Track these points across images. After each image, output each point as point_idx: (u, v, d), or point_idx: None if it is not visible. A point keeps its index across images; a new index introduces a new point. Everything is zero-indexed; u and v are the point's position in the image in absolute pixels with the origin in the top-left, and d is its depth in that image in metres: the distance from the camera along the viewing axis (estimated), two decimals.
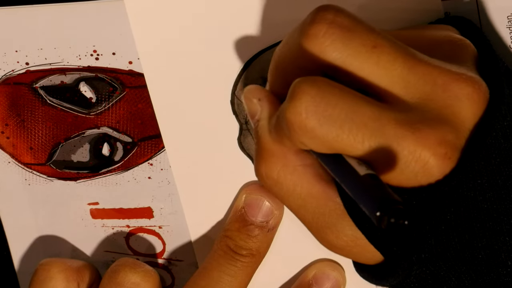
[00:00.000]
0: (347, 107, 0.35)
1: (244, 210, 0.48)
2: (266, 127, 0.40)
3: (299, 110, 0.36)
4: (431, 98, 0.36)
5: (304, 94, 0.36)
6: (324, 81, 0.36)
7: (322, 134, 0.36)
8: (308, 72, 0.38)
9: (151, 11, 0.46)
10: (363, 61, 0.36)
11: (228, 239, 0.48)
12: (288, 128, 0.36)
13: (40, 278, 0.49)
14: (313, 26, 0.37)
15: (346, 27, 0.36)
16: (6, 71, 0.49)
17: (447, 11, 0.44)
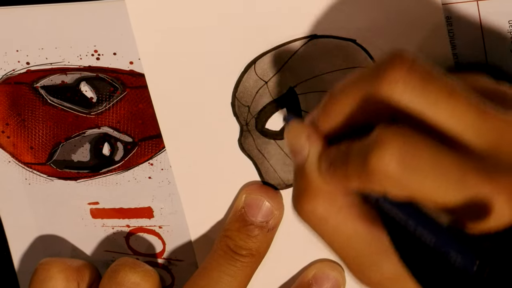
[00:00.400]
0: (431, 156, 0.36)
1: (244, 210, 0.48)
2: (315, 165, 0.40)
3: (387, 158, 0.36)
4: (499, 148, 0.37)
5: (391, 142, 0.36)
6: (409, 130, 0.36)
7: (407, 183, 0.36)
8: (374, 115, 0.38)
9: (152, 11, 0.46)
10: (439, 109, 0.36)
11: (228, 239, 0.48)
12: (369, 174, 0.36)
13: (40, 277, 0.49)
14: (392, 71, 0.37)
15: (425, 73, 0.37)
16: (7, 71, 0.49)
17: (448, 15, 0.44)
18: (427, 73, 0.37)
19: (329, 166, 0.39)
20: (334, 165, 0.39)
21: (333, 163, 0.39)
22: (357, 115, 0.38)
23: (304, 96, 0.47)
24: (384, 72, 0.37)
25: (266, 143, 0.48)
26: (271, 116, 0.48)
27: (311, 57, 0.46)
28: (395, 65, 0.37)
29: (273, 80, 0.47)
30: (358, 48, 0.46)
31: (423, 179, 0.36)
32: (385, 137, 0.36)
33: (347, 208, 0.39)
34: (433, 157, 0.36)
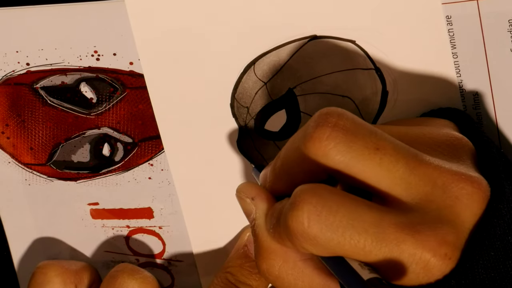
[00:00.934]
0: (348, 213, 0.36)
1: (247, 247, 0.48)
2: (263, 226, 0.40)
3: (301, 219, 0.36)
4: (431, 199, 0.37)
5: (305, 203, 0.36)
6: (325, 189, 0.37)
7: (324, 241, 0.36)
8: (311, 173, 0.38)
9: (152, 12, 0.46)
10: (365, 163, 0.37)
11: (229, 274, 0.48)
12: (290, 235, 0.37)
13: (37, 281, 0.49)
14: (317, 129, 0.37)
15: (349, 130, 0.37)
16: (6, 72, 0.49)
17: (448, 14, 0.44)
18: (351, 130, 0.37)
19: (271, 227, 0.40)
20: (274, 226, 0.39)
21: (272, 223, 0.40)
22: (298, 174, 0.39)
23: (303, 97, 0.47)
24: (310, 132, 0.37)
25: (265, 144, 0.48)
26: (270, 117, 0.48)
27: (311, 58, 0.46)
28: (320, 124, 0.37)
29: (272, 81, 0.47)
30: (357, 49, 0.46)
31: (341, 237, 0.36)
32: (299, 197, 0.37)
33: (302, 263, 0.40)
34: (349, 215, 0.36)
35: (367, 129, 0.37)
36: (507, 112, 0.46)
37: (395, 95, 0.46)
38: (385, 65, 0.46)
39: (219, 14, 0.46)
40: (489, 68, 0.45)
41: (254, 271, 0.48)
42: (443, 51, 0.45)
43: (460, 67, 0.45)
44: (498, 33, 0.44)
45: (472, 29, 0.44)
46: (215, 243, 0.50)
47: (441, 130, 0.41)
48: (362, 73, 0.46)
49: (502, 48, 0.44)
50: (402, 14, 0.44)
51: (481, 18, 0.44)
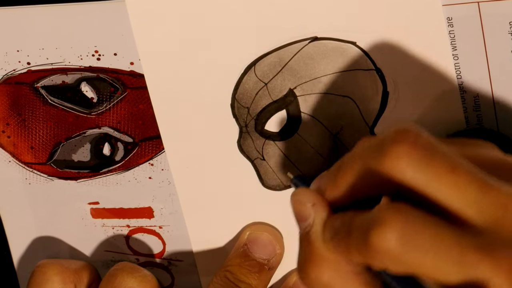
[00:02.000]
0: (432, 234, 0.36)
1: (247, 246, 0.48)
2: (320, 233, 0.40)
3: (388, 237, 0.36)
4: (501, 223, 0.37)
5: (392, 221, 0.36)
6: (410, 208, 0.37)
7: (407, 260, 0.36)
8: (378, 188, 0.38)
9: (153, 12, 0.46)
10: (442, 183, 0.37)
11: (228, 273, 0.48)
12: (369, 250, 0.37)
13: (36, 280, 0.49)
14: (396, 145, 0.37)
15: (428, 149, 0.37)
16: (7, 71, 0.49)
17: (449, 16, 0.44)
18: (429, 149, 0.37)
19: (333, 237, 0.39)
20: (337, 237, 0.39)
21: (336, 234, 0.39)
22: (362, 187, 0.39)
23: (303, 98, 0.47)
24: (387, 148, 0.37)
25: (265, 145, 0.48)
26: (270, 118, 0.48)
27: (311, 58, 0.46)
28: (398, 141, 0.37)
29: (273, 82, 0.47)
30: (358, 51, 0.46)
31: (423, 257, 0.36)
32: (386, 215, 0.36)
33: (352, 276, 0.39)
34: (433, 235, 0.36)
35: (443, 149, 0.37)
36: (508, 114, 0.46)
37: (395, 95, 0.46)
38: (386, 66, 0.46)
39: (220, 15, 0.46)
40: (490, 69, 0.45)
41: (254, 270, 0.48)
42: (444, 52, 0.45)
43: (460, 68, 0.45)
44: (499, 34, 0.44)
45: (473, 31, 0.44)
46: (215, 242, 0.51)
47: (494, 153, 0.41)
48: (362, 74, 0.46)
49: (503, 50, 0.44)
50: (403, 16, 0.44)
51: (482, 20, 0.44)
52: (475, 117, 0.46)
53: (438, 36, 0.44)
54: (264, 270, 0.48)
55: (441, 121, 0.46)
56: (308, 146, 0.48)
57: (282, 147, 0.48)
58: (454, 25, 0.44)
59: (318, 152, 0.48)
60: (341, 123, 0.47)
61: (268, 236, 0.49)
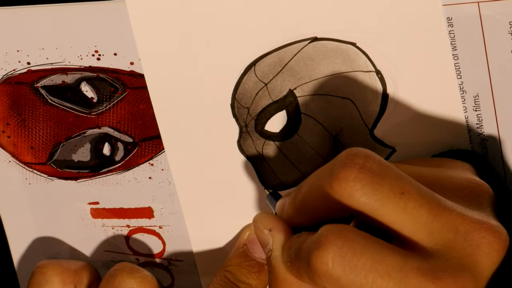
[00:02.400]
0: (372, 256, 0.36)
1: (247, 246, 0.48)
2: (279, 258, 0.41)
3: (326, 260, 0.36)
4: (452, 246, 0.37)
5: (331, 244, 0.37)
6: (351, 230, 0.37)
7: (347, 282, 0.36)
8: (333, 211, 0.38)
9: (153, 12, 0.46)
10: (390, 207, 0.37)
11: (228, 273, 0.48)
12: (312, 273, 0.37)
13: (36, 281, 0.49)
14: (344, 170, 0.37)
15: (376, 172, 0.37)
16: (7, 71, 0.49)
17: (449, 16, 0.44)
18: (378, 173, 0.37)
19: (287, 260, 0.40)
20: (291, 261, 0.40)
21: (290, 257, 0.40)
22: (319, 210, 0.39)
23: (303, 99, 0.47)
24: (336, 171, 0.37)
25: (265, 145, 0.48)
26: (270, 118, 0.48)
27: (311, 59, 0.46)
28: (347, 164, 0.37)
29: (273, 82, 0.47)
30: (358, 52, 0.46)
31: (364, 279, 0.36)
32: (325, 237, 0.37)
33: None
34: (373, 256, 0.36)
35: (393, 173, 0.37)
36: (508, 114, 0.46)
37: (395, 97, 0.46)
38: (386, 67, 0.46)
39: (220, 15, 0.46)
40: (490, 70, 0.45)
41: (253, 270, 0.48)
42: (444, 52, 0.45)
43: (460, 68, 0.45)
44: (499, 35, 0.44)
45: (473, 31, 0.44)
46: (215, 242, 0.51)
47: (462, 174, 0.41)
48: (362, 75, 0.46)
49: (503, 50, 0.44)
50: (403, 16, 0.44)
51: (482, 20, 0.44)
52: (475, 117, 0.46)
53: (438, 36, 0.44)
54: (264, 270, 0.48)
55: (441, 122, 0.46)
56: (308, 147, 0.48)
57: (282, 148, 0.48)
58: (454, 25, 0.44)
59: (318, 153, 0.48)
60: (341, 125, 0.47)
61: None
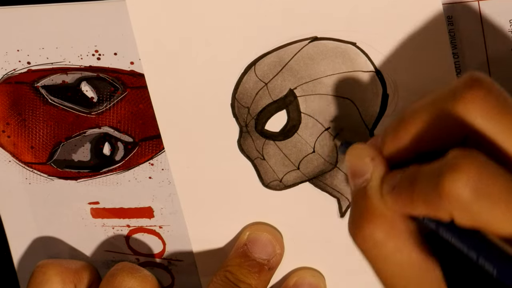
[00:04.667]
0: (505, 184, 0.35)
1: (247, 246, 0.48)
2: (378, 188, 0.39)
3: (461, 183, 0.35)
4: None
5: (468, 167, 0.35)
6: (484, 156, 0.36)
7: (477, 209, 0.35)
8: (442, 139, 0.37)
9: (153, 12, 0.46)
10: (511, 135, 0.36)
11: (228, 273, 0.48)
12: (440, 197, 0.36)
13: (36, 280, 0.49)
14: (472, 90, 0.36)
15: (501, 99, 0.36)
16: (7, 70, 0.49)
17: (449, 15, 0.44)
18: (503, 99, 0.36)
19: (392, 190, 0.38)
20: (399, 188, 0.38)
21: (397, 186, 0.38)
22: (427, 137, 0.38)
23: (303, 98, 0.47)
24: (462, 92, 0.36)
25: (266, 144, 0.48)
26: (270, 117, 0.48)
27: (311, 59, 0.46)
28: (474, 87, 0.36)
29: (273, 82, 0.47)
30: (358, 51, 0.46)
31: (494, 208, 0.35)
32: (461, 161, 0.35)
33: (405, 235, 0.39)
34: (506, 186, 0.35)
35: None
36: None
37: (395, 97, 0.46)
38: (386, 67, 0.45)
39: (220, 15, 0.46)
40: (490, 68, 0.45)
41: (254, 270, 0.48)
42: (444, 51, 0.45)
43: (461, 67, 0.45)
44: (499, 33, 0.44)
45: (473, 29, 0.44)
46: (215, 242, 0.50)
47: None
48: (362, 75, 0.46)
49: (503, 48, 0.44)
50: (403, 16, 0.44)
51: (482, 18, 0.44)
52: None
53: (438, 35, 0.44)
54: (264, 270, 0.48)
55: None
56: (308, 147, 0.48)
57: (282, 147, 0.48)
58: (454, 23, 0.44)
59: (318, 152, 0.48)
60: (341, 125, 0.47)
61: (268, 236, 0.49)
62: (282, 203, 0.49)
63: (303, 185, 0.49)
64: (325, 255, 0.50)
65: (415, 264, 0.39)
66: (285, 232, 0.50)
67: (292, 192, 0.49)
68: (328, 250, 0.50)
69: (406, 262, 0.39)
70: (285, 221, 0.50)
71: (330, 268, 0.50)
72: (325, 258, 0.50)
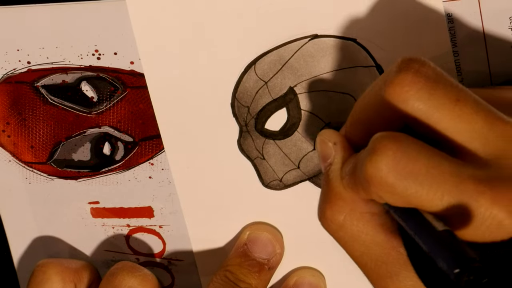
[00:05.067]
0: (427, 162, 0.36)
1: (247, 246, 0.48)
2: (338, 172, 0.40)
3: (380, 165, 0.36)
4: (507, 156, 0.36)
5: (385, 149, 0.36)
6: (405, 137, 0.36)
7: (402, 189, 0.36)
8: (388, 122, 0.38)
9: (153, 11, 0.46)
10: (445, 114, 0.36)
11: (228, 272, 0.48)
12: (366, 181, 0.37)
13: (37, 279, 0.49)
14: (399, 75, 0.37)
15: (431, 77, 0.37)
16: (7, 70, 0.49)
17: (449, 12, 0.44)
18: (434, 78, 0.37)
19: (346, 175, 0.39)
20: (350, 174, 0.39)
21: (347, 173, 0.39)
22: (378, 123, 0.38)
23: (304, 95, 0.47)
24: (391, 76, 0.37)
25: (266, 144, 0.48)
26: (270, 116, 0.48)
27: (312, 56, 0.46)
28: (402, 70, 0.37)
29: (273, 80, 0.47)
30: (358, 48, 0.46)
31: (419, 186, 0.35)
32: (379, 143, 0.36)
33: (368, 216, 0.39)
34: (428, 164, 0.35)
35: (448, 80, 0.37)
36: None
37: None
38: (386, 62, 0.46)
39: (220, 14, 0.46)
40: (490, 66, 0.45)
41: (254, 269, 0.48)
42: (444, 49, 0.45)
43: (461, 65, 0.45)
44: (499, 30, 0.44)
45: (473, 27, 0.44)
46: (215, 242, 0.50)
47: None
48: (363, 71, 0.46)
49: (503, 46, 0.44)
50: (403, 12, 0.44)
51: (482, 16, 0.44)
52: None
53: (438, 32, 0.44)
54: (264, 269, 0.48)
55: None
56: (308, 144, 0.48)
57: (282, 146, 0.48)
58: (454, 21, 0.44)
59: None
60: (341, 121, 0.47)
61: (268, 236, 0.49)
62: (282, 203, 0.49)
63: (303, 184, 0.49)
64: (325, 255, 0.50)
65: (380, 245, 0.39)
66: (285, 232, 0.50)
67: (292, 191, 0.49)
68: (328, 249, 0.49)
69: (371, 242, 0.39)
70: (285, 221, 0.49)
71: (330, 267, 0.50)
72: (325, 257, 0.50)
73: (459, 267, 0.33)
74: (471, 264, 0.33)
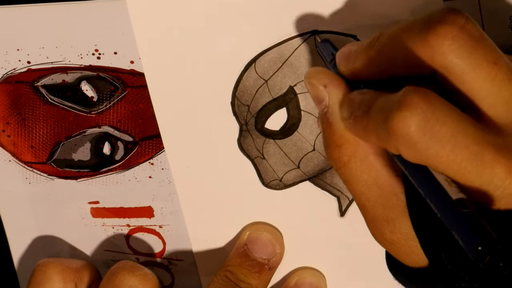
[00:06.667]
0: (454, 126, 0.35)
1: (247, 246, 0.48)
2: (337, 114, 0.40)
3: (409, 122, 0.35)
4: None
5: (416, 106, 0.35)
6: (436, 97, 0.36)
7: (423, 148, 0.35)
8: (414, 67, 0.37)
9: (153, 11, 0.46)
10: (480, 74, 0.36)
11: (229, 272, 0.48)
12: (389, 133, 0.36)
13: (37, 279, 0.49)
14: (444, 26, 0.36)
15: (474, 36, 0.36)
16: (7, 70, 0.49)
17: None
18: (476, 37, 0.36)
19: (350, 116, 0.39)
20: (355, 116, 0.38)
21: (354, 113, 0.39)
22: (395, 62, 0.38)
23: (304, 95, 0.47)
24: (434, 26, 0.36)
25: (266, 143, 0.48)
26: (270, 116, 0.48)
27: (312, 53, 0.46)
28: (448, 21, 0.36)
29: (273, 79, 0.47)
30: None
31: (441, 148, 0.35)
32: (411, 99, 0.36)
33: (373, 157, 0.39)
34: (455, 128, 0.35)
35: (489, 41, 0.37)
36: None
37: None
38: None
39: (220, 12, 0.46)
40: None
41: (254, 269, 0.48)
42: None
43: None
44: (499, 29, 0.44)
45: None
46: (215, 242, 0.50)
47: None
48: None
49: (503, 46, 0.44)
50: (403, 10, 0.44)
51: (482, 15, 0.44)
52: None
53: None
54: (264, 270, 0.48)
55: None
56: (308, 144, 0.48)
57: (282, 146, 0.48)
58: None
59: (318, 150, 0.48)
60: None
61: (268, 236, 0.49)
62: (282, 203, 0.49)
63: (303, 184, 0.49)
64: (325, 255, 0.50)
65: (381, 186, 0.39)
66: (285, 232, 0.50)
67: (292, 191, 0.49)
68: (328, 249, 0.49)
69: (373, 183, 0.39)
70: (285, 221, 0.49)
71: (330, 267, 0.50)
72: (325, 257, 0.50)
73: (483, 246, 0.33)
74: (495, 245, 0.33)
